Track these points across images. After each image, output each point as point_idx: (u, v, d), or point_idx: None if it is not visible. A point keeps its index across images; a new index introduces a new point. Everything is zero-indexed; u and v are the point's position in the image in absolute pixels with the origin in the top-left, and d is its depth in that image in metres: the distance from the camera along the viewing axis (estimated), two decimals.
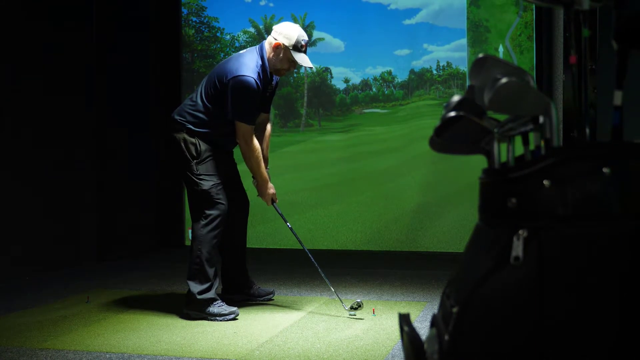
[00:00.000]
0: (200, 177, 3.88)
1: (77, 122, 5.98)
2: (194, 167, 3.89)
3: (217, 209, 3.87)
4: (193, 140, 3.90)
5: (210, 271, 3.86)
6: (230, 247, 4.20)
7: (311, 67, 3.94)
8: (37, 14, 5.55)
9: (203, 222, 3.86)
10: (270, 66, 3.94)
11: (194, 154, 3.89)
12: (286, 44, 3.87)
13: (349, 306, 3.89)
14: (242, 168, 4.25)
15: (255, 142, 3.94)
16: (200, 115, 3.92)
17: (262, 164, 4.02)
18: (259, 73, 3.85)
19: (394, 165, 6.48)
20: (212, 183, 3.89)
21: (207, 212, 3.86)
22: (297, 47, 3.87)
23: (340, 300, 3.96)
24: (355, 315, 3.86)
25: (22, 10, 5.43)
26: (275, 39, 3.90)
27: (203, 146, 3.91)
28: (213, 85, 3.91)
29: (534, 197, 1.34)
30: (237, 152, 4.17)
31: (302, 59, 3.88)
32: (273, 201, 4.16)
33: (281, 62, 3.92)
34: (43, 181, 5.55)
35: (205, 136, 3.92)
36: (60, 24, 5.77)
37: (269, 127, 4.28)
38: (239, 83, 3.79)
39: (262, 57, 3.92)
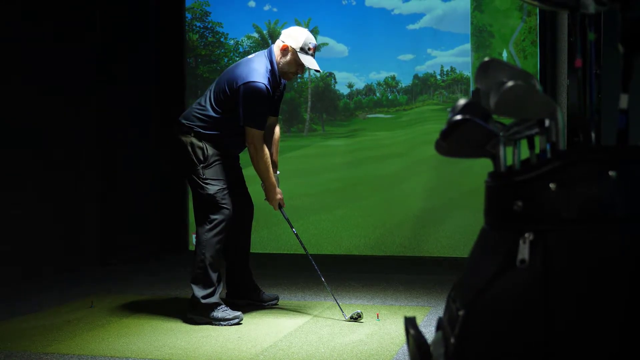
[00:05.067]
0: (207, 181, 3.89)
1: (81, 127, 6.00)
2: (201, 171, 3.89)
3: (222, 214, 3.87)
4: (200, 144, 3.90)
5: (214, 276, 3.86)
6: (234, 251, 4.20)
7: (318, 70, 3.93)
8: (42, 20, 5.57)
9: (207, 227, 3.86)
10: (278, 69, 3.94)
11: (201, 158, 3.89)
12: (293, 45, 3.87)
13: (349, 315, 3.88)
14: (247, 173, 4.25)
15: (264, 147, 3.94)
16: (209, 119, 3.93)
17: (271, 169, 4.01)
18: (269, 78, 3.86)
19: (397, 170, 6.48)
20: (217, 188, 3.89)
21: (212, 216, 3.86)
22: (305, 49, 3.88)
23: (341, 308, 3.95)
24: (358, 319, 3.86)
25: (27, 15, 5.45)
26: (283, 41, 3.91)
27: (210, 150, 3.91)
28: (222, 91, 3.92)
29: (539, 200, 1.34)
30: (242, 156, 4.17)
31: (309, 61, 3.89)
32: (280, 206, 4.15)
33: (289, 65, 3.93)
34: (46, 186, 5.57)
35: (213, 140, 3.92)
36: (64, 29, 5.79)
37: (277, 130, 4.27)
38: (250, 89, 3.79)
39: (271, 62, 3.92)
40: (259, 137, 3.89)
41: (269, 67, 3.91)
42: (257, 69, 3.84)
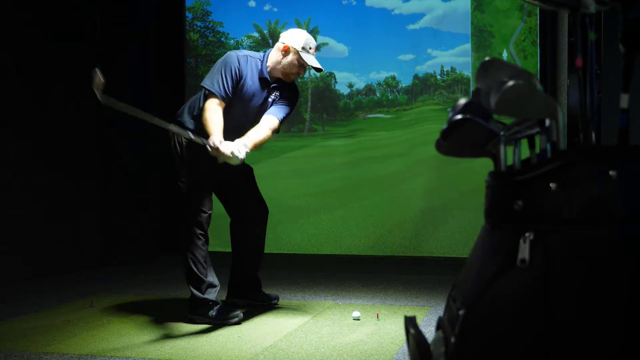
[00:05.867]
0: (182, 179, 3.88)
1: (81, 127, 5.99)
2: (179, 168, 3.89)
3: (196, 213, 3.86)
4: (180, 140, 3.91)
5: (204, 273, 3.85)
6: (238, 251, 4.20)
7: (320, 69, 3.92)
8: (42, 20, 5.57)
9: (185, 226, 3.87)
10: (280, 71, 3.94)
11: (179, 153, 3.90)
12: (294, 46, 3.89)
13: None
14: (259, 179, 4.24)
15: (211, 107, 3.73)
16: (196, 110, 3.94)
17: (212, 125, 3.68)
18: (247, 59, 3.88)
19: (397, 170, 6.48)
20: (193, 186, 3.88)
21: (189, 215, 3.87)
22: (306, 49, 3.89)
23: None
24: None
25: (27, 15, 5.45)
26: (284, 43, 3.92)
27: (186, 148, 3.89)
28: None
29: (540, 200, 1.34)
30: (262, 167, 4.15)
31: (311, 60, 3.89)
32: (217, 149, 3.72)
33: (291, 66, 3.91)
34: (46, 185, 5.57)
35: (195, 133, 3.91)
36: (65, 28, 5.79)
37: (267, 124, 3.91)
38: (223, 56, 3.90)
39: (262, 58, 3.96)
40: (211, 100, 3.76)
41: (256, 57, 3.95)
42: (241, 50, 4.00)
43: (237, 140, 3.67)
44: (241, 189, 4.14)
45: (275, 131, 3.90)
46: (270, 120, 3.87)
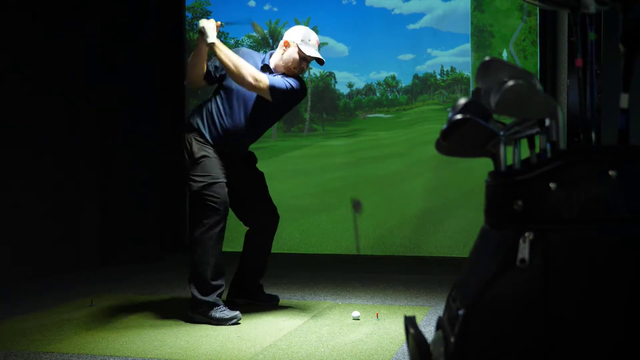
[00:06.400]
0: (192, 177, 3.86)
1: (81, 127, 5.99)
2: (187, 166, 3.89)
3: (209, 210, 3.83)
4: (189, 138, 3.92)
5: (209, 274, 3.83)
6: (247, 261, 4.22)
7: (321, 60, 3.94)
8: (42, 20, 5.57)
9: (195, 224, 3.85)
10: (282, 66, 3.97)
11: (188, 151, 3.90)
12: (293, 39, 3.95)
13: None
14: (271, 182, 4.25)
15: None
16: (205, 110, 3.98)
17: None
18: (250, 52, 4.06)
19: (397, 170, 6.48)
20: (202, 184, 3.84)
21: (198, 213, 3.85)
22: (304, 41, 3.93)
23: None
24: None
25: (27, 16, 5.45)
26: (284, 39, 3.98)
27: (196, 146, 3.89)
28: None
29: (540, 200, 1.34)
30: (261, 167, 4.17)
31: (310, 51, 3.94)
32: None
33: (292, 60, 3.95)
34: (46, 185, 5.56)
35: (202, 132, 3.93)
36: (65, 29, 5.79)
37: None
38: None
39: (265, 55, 4.07)
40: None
41: (262, 54, 4.10)
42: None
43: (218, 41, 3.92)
44: (253, 198, 4.14)
45: (257, 85, 3.78)
46: (261, 72, 3.89)
